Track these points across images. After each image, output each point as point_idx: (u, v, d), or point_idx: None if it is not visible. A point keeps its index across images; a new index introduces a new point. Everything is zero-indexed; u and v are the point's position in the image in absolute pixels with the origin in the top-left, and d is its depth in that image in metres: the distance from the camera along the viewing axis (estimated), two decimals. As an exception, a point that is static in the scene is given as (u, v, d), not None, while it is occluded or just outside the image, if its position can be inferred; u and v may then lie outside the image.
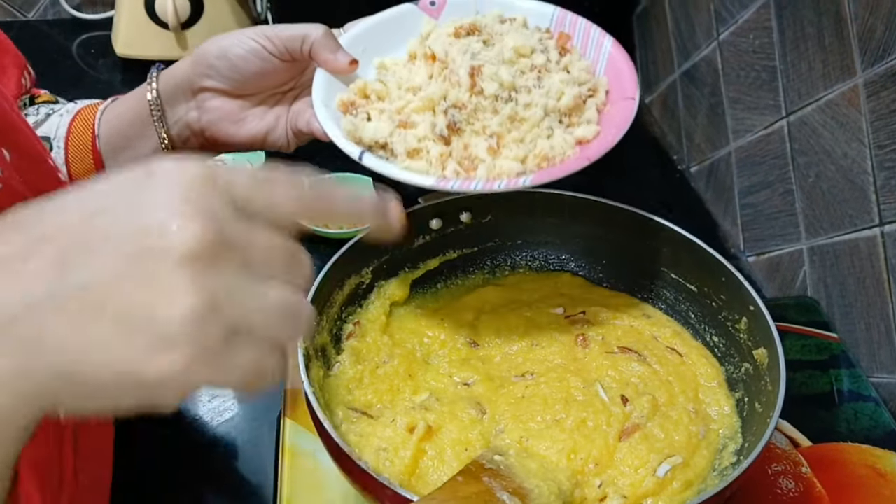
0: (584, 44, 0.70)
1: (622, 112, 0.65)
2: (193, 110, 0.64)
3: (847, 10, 0.81)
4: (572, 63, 0.68)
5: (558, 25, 0.71)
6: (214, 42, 0.62)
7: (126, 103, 0.67)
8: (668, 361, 0.70)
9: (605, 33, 0.70)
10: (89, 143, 0.66)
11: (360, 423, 0.64)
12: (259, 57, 0.60)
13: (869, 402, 0.78)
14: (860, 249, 0.82)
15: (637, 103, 0.65)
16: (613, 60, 0.69)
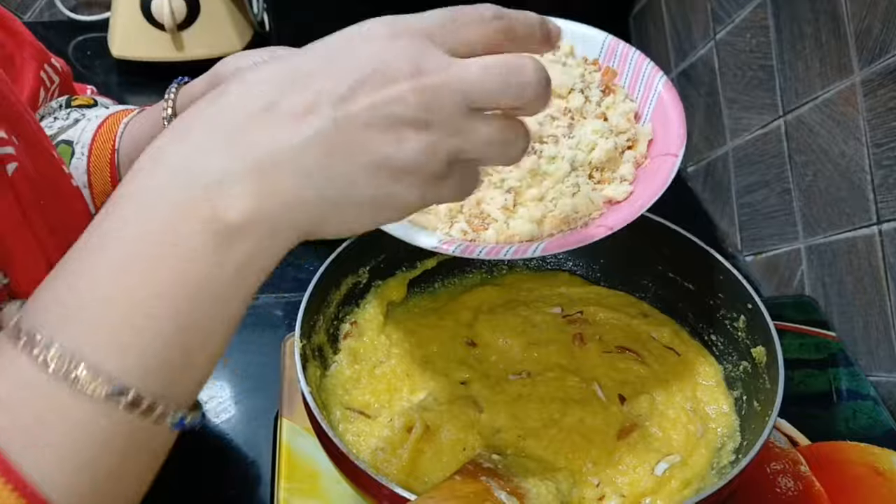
0: (633, 81, 0.62)
1: (660, 172, 0.56)
2: None
3: (844, 9, 0.81)
4: (614, 105, 0.61)
5: (608, 56, 0.63)
6: (231, 62, 0.60)
7: (148, 117, 0.66)
8: (666, 360, 0.70)
9: (657, 70, 0.61)
10: (109, 155, 0.65)
11: (358, 423, 0.63)
12: None
13: (867, 401, 0.77)
14: (858, 248, 0.82)
15: (679, 161, 0.56)
16: (663, 105, 0.60)
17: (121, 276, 0.35)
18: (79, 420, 0.34)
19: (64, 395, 0.34)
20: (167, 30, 1.22)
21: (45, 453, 0.34)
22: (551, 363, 0.69)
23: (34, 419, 0.34)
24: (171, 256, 0.35)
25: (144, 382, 0.35)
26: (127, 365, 0.34)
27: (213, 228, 0.35)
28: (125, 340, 0.35)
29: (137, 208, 0.36)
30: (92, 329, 0.35)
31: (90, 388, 0.34)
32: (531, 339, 0.71)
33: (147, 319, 0.35)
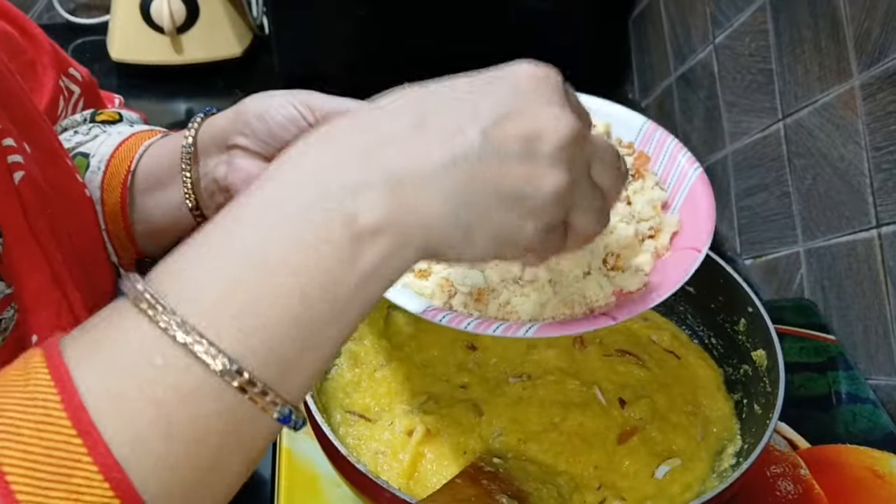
0: (666, 169, 0.59)
1: (679, 266, 0.53)
2: (223, 165, 0.60)
3: (843, 13, 0.81)
4: (642, 191, 0.58)
5: (644, 141, 0.61)
6: (258, 100, 0.58)
7: (166, 144, 0.64)
8: (666, 364, 0.70)
9: (693, 161, 0.59)
10: (123, 175, 0.63)
11: (358, 427, 0.63)
12: (297, 126, 0.56)
13: (867, 404, 0.77)
14: (857, 251, 0.82)
15: (703, 257, 0.53)
16: (694, 197, 0.57)
17: (253, 260, 0.35)
18: (186, 393, 0.34)
19: (178, 363, 0.34)
20: (166, 33, 1.22)
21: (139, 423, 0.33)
22: (551, 367, 0.69)
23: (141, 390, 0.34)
24: (305, 249, 0.36)
25: (260, 368, 0.34)
26: (246, 348, 0.34)
27: (348, 230, 0.36)
28: (248, 323, 0.34)
29: (278, 200, 0.37)
30: (218, 307, 0.35)
31: (208, 361, 0.34)
32: (531, 343, 0.71)
33: (272, 308, 0.35)
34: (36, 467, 0.31)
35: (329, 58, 1.24)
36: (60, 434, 0.32)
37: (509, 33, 1.22)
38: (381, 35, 1.22)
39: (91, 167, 0.65)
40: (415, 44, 1.22)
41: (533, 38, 1.23)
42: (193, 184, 0.61)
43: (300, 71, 1.24)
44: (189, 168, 0.61)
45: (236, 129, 0.59)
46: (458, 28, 1.21)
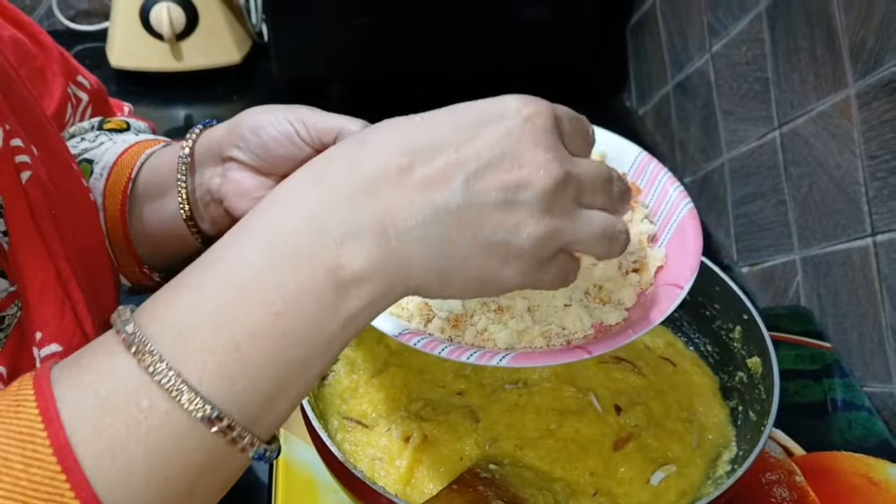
0: (657, 203, 0.59)
1: (661, 303, 0.53)
2: (217, 177, 0.61)
3: (839, 23, 0.81)
4: (630, 224, 0.58)
5: (638, 172, 0.61)
6: (253, 114, 0.59)
7: (166, 153, 0.65)
8: (662, 371, 0.70)
9: (684, 195, 0.58)
10: (124, 182, 0.64)
11: (355, 433, 0.64)
12: (290, 141, 0.57)
13: (862, 412, 0.78)
14: (853, 259, 0.83)
15: (684, 295, 0.53)
16: (682, 233, 0.57)
17: (239, 305, 0.37)
18: (168, 434, 0.36)
19: (161, 406, 0.35)
20: (166, 40, 1.23)
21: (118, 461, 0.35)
22: (547, 373, 0.69)
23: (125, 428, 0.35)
24: (291, 297, 0.37)
25: (239, 412, 0.36)
26: (229, 394, 0.36)
27: (334, 277, 0.37)
28: (232, 370, 0.36)
29: (266, 244, 0.38)
30: (203, 353, 0.36)
31: (190, 407, 0.36)
32: (528, 350, 0.71)
33: (256, 352, 0.37)
34: (24, 500, 0.33)
35: (328, 65, 1.24)
36: (46, 470, 0.34)
37: (507, 43, 1.22)
38: (381, 43, 1.23)
39: (94, 174, 0.65)
40: (413, 52, 1.23)
41: (531, 48, 1.24)
42: (189, 194, 0.62)
43: (299, 78, 1.24)
44: (185, 178, 0.61)
45: (231, 142, 0.59)
46: (456, 37, 1.22)
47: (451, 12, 1.20)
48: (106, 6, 1.36)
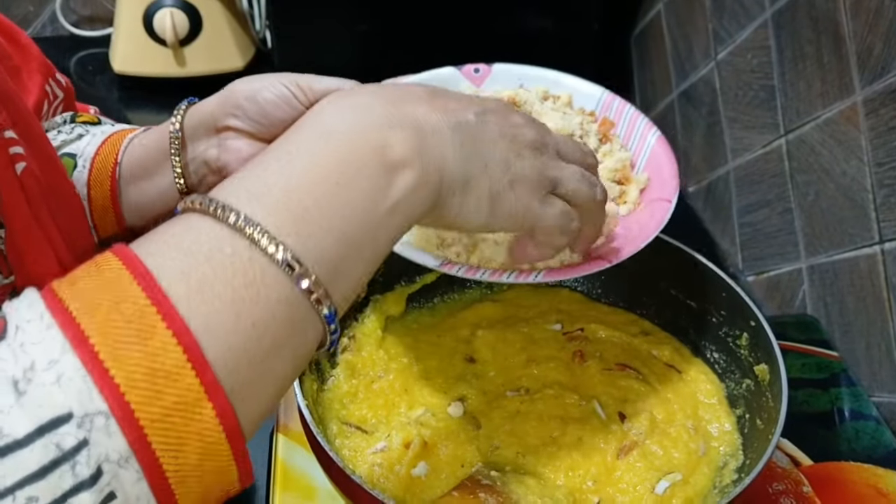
0: (627, 133, 0.66)
1: (655, 215, 0.60)
2: (214, 148, 0.62)
3: (845, 29, 0.81)
4: (611, 153, 0.64)
5: (604, 109, 0.68)
6: (246, 83, 0.60)
7: (151, 135, 0.66)
8: (667, 379, 0.69)
9: (651, 125, 0.66)
10: (110, 168, 0.65)
11: (355, 438, 0.63)
12: (288, 104, 0.58)
13: (870, 421, 0.77)
14: (860, 267, 0.82)
15: (673, 207, 0.60)
16: (656, 156, 0.65)
17: (304, 177, 0.41)
18: (251, 279, 0.37)
19: (244, 253, 0.38)
20: (169, 45, 1.22)
21: (209, 303, 0.36)
22: (550, 380, 0.68)
23: (212, 271, 0.37)
24: (349, 171, 0.42)
25: (313, 264, 0.39)
26: (303, 246, 0.39)
27: (383, 158, 0.42)
28: (304, 227, 0.39)
29: (322, 133, 0.43)
30: (277, 210, 0.39)
31: (270, 250, 0.38)
32: (530, 356, 0.71)
33: (322, 217, 0.40)
34: (115, 333, 0.34)
35: (331, 72, 1.23)
36: (136, 304, 0.35)
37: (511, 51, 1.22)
38: (383, 50, 1.22)
39: (78, 167, 0.66)
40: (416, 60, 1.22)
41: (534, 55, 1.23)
42: (183, 168, 0.63)
43: (302, 84, 1.24)
44: (178, 153, 0.63)
45: (226, 112, 0.61)
46: (459, 44, 1.21)
47: (455, 20, 1.20)
48: (109, 12, 1.35)
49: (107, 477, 0.32)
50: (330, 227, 0.40)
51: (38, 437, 0.32)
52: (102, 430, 0.33)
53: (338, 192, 0.41)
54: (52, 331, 0.34)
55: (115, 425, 0.33)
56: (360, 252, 0.42)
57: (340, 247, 0.40)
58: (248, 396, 0.37)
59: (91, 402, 0.33)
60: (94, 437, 0.32)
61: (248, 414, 0.37)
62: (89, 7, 1.42)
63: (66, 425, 0.32)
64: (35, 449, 0.31)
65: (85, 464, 0.32)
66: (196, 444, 0.35)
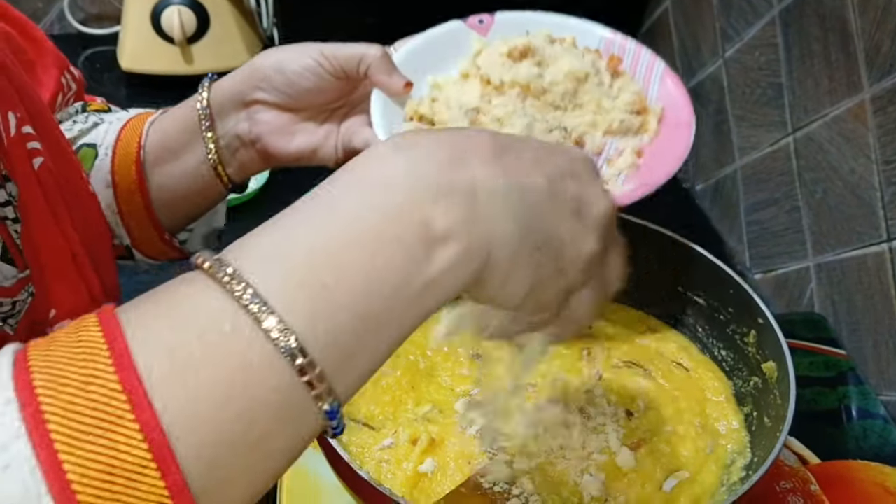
0: (633, 66, 0.68)
1: (679, 140, 0.63)
2: (244, 122, 0.64)
3: (853, 26, 0.80)
4: (625, 87, 0.66)
5: (608, 47, 0.69)
6: (271, 55, 0.62)
7: (174, 115, 0.67)
8: (674, 376, 0.69)
9: (656, 56, 0.68)
10: (134, 153, 0.66)
11: (362, 435, 0.63)
12: (315, 74, 0.60)
13: (878, 420, 0.77)
14: (868, 265, 0.82)
15: (693, 129, 0.63)
16: (666, 85, 0.67)
17: (330, 245, 0.36)
18: (247, 363, 0.33)
19: (244, 332, 0.33)
20: (176, 43, 1.23)
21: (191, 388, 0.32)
22: (557, 377, 0.68)
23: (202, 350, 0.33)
24: (380, 243, 0.36)
25: (321, 353, 0.34)
26: (313, 331, 0.34)
27: (425, 231, 0.37)
28: (318, 308, 0.35)
29: (360, 194, 0.37)
30: (291, 287, 0.35)
31: (274, 335, 0.33)
32: (538, 353, 0.71)
33: (342, 295, 0.35)
34: (78, 419, 0.31)
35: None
36: (105, 388, 0.31)
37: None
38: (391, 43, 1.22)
39: (99, 155, 0.67)
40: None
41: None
42: (214, 144, 0.64)
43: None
44: (209, 129, 0.64)
45: (253, 85, 0.62)
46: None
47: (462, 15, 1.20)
48: (117, 10, 1.36)
49: None
50: (350, 305, 0.35)
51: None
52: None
53: (368, 262, 0.36)
54: (10, 407, 0.31)
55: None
56: (378, 334, 0.37)
57: (357, 328, 0.35)
58: (224, 498, 0.33)
59: (37, 500, 0.29)
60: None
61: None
62: (97, 5, 1.42)
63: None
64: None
65: None
66: None
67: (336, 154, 0.68)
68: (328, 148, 0.67)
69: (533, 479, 0.59)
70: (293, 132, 0.66)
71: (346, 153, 0.67)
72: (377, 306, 0.36)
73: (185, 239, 0.72)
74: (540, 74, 0.64)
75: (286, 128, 0.65)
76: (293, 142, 0.66)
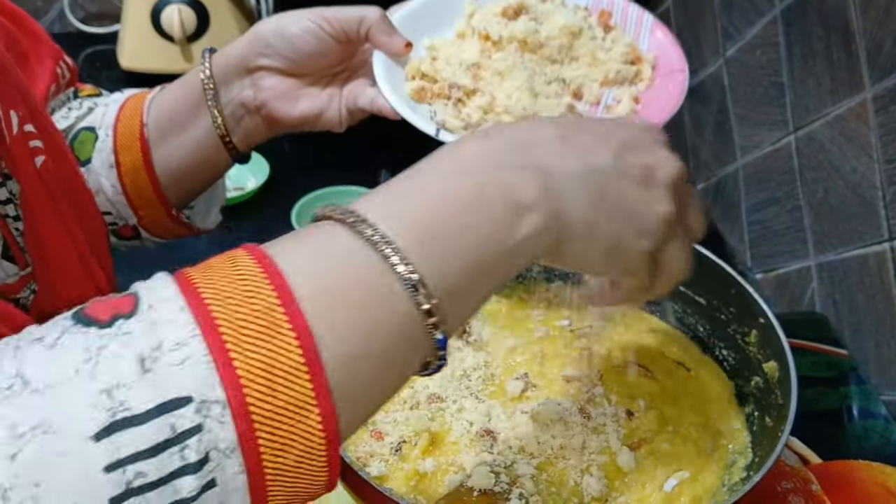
0: (623, 20, 0.71)
1: (674, 85, 0.66)
2: (248, 88, 0.65)
3: (855, 25, 0.80)
4: (617, 40, 0.70)
5: (597, 4, 0.72)
6: (272, 21, 0.63)
7: (176, 88, 0.68)
8: (676, 376, 0.69)
9: (643, 10, 0.71)
10: (137, 131, 0.66)
11: (362, 434, 0.63)
12: (316, 37, 0.61)
13: (879, 420, 0.76)
14: (869, 265, 0.82)
15: (687, 74, 0.66)
16: (656, 36, 0.70)
17: (444, 201, 0.41)
18: (379, 293, 0.38)
19: (376, 267, 0.38)
20: (176, 42, 1.23)
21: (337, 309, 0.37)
22: (557, 376, 0.68)
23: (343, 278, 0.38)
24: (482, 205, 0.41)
25: (435, 287, 0.39)
26: (430, 272, 0.39)
27: (512, 199, 0.42)
28: (433, 250, 0.40)
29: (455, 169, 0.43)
30: (410, 232, 0.40)
31: (400, 269, 0.38)
32: (537, 352, 0.70)
33: (451, 244, 0.40)
34: (243, 325, 0.35)
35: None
36: (266, 301, 0.36)
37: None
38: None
39: (100, 137, 0.67)
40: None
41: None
42: (220, 113, 0.65)
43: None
44: (214, 99, 0.65)
45: (256, 52, 0.63)
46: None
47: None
48: (117, 8, 1.36)
49: (212, 464, 0.33)
50: (456, 257, 0.41)
51: (156, 414, 0.32)
52: (217, 418, 0.33)
53: (467, 225, 0.41)
54: (184, 314, 0.34)
55: (229, 416, 0.33)
56: (477, 286, 0.42)
57: (461, 278, 0.41)
58: (353, 405, 0.38)
59: (212, 390, 0.33)
60: (209, 424, 0.33)
61: (349, 423, 0.38)
62: (97, 3, 1.42)
63: (185, 408, 0.33)
64: (152, 426, 0.32)
65: (195, 448, 0.33)
66: (298, 445, 0.35)
67: (340, 116, 0.69)
68: (332, 111, 0.69)
69: (534, 479, 0.59)
70: (297, 97, 0.67)
71: (350, 114, 0.69)
72: (475, 262, 0.41)
73: (189, 215, 0.72)
74: (536, 29, 0.66)
75: (290, 93, 0.66)
76: (297, 106, 0.67)
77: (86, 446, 0.31)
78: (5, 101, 0.49)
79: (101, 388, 0.32)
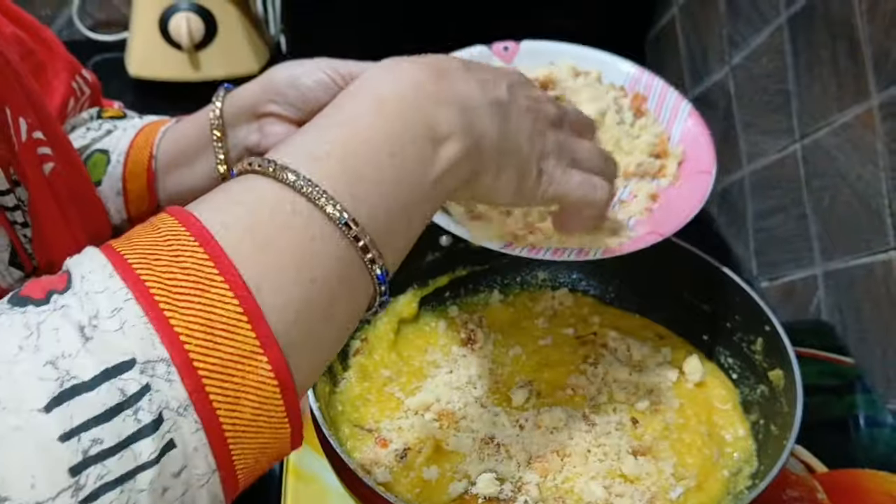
0: (658, 107, 0.67)
1: (698, 187, 0.62)
2: (255, 133, 0.64)
3: (861, 33, 0.80)
4: (646, 128, 0.65)
5: (634, 84, 0.68)
6: (285, 69, 0.63)
7: (187, 124, 0.68)
8: (681, 384, 0.69)
9: (682, 98, 0.67)
10: (146, 161, 0.66)
11: (367, 441, 0.63)
12: (327, 90, 0.61)
13: (885, 429, 0.76)
14: (876, 273, 0.81)
15: (713, 178, 0.61)
16: (690, 129, 0.65)
17: (360, 147, 0.42)
18: (311, 236, 0.39)
19: (304, 212, 0.39)
20: (184, 50, 1.23)
21: (269, 258, 0.37)
22: (562, 384, 0.68)
23: (273, 227, 0.38)
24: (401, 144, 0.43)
25: (366, 223, 0.40)
26: (357, 209, 0.40)
27: (431, 132, 0.44)
28: (359, 191, 0.41)
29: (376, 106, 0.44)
30: (334, 173, 0.40)
31: (329, 210, 0.39)
32: (542, 360, 0.70)
33: (375, 182, 0.42)
34: (174, 284, 0.35)
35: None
36: (194, 257, 0.36)
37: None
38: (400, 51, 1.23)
39: (112, 162, 0.67)
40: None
41: (549, 59, 1.23)
42: (225, 154, 0.65)
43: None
44: (220, 139, 0.65)
45: (266, 98, 0.63)
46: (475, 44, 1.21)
47: (470, 22, 1.20)
48: (125, 16, 1.36)
49: (167, 424, 0.33)
50: (382, 194, 0.42)
51: (103, 380, 0.32)
52: (163, 376, 0.33)
53: (391, 161, 0.42)
54: (114, 280, 0.35)
55: (175, 373, 0.34)
56: (407, 221, 0.43)
57: (391, 214, 0.42)
58: (303, 352, 0.38)
59: (153, 349, 0.34)
60: (156, 383, 0.33)
61: (302, 370, 0.38)
62: (105, 11, 1.43)
63: (130, 371, 0.33)
64: (101, 392, 0.32)
65: (147, 409, 0.33)
66: (251, 396, 0.35)
67: None
68: None
69: (539, 486, 0.59)
70: None
71: None
72: (402, 197, 0.43)
73: None
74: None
75: None
76: None
77: (38, 418, 0.31)
78: (15, 107, 0.49)
79: (45, 359, 0.32)
